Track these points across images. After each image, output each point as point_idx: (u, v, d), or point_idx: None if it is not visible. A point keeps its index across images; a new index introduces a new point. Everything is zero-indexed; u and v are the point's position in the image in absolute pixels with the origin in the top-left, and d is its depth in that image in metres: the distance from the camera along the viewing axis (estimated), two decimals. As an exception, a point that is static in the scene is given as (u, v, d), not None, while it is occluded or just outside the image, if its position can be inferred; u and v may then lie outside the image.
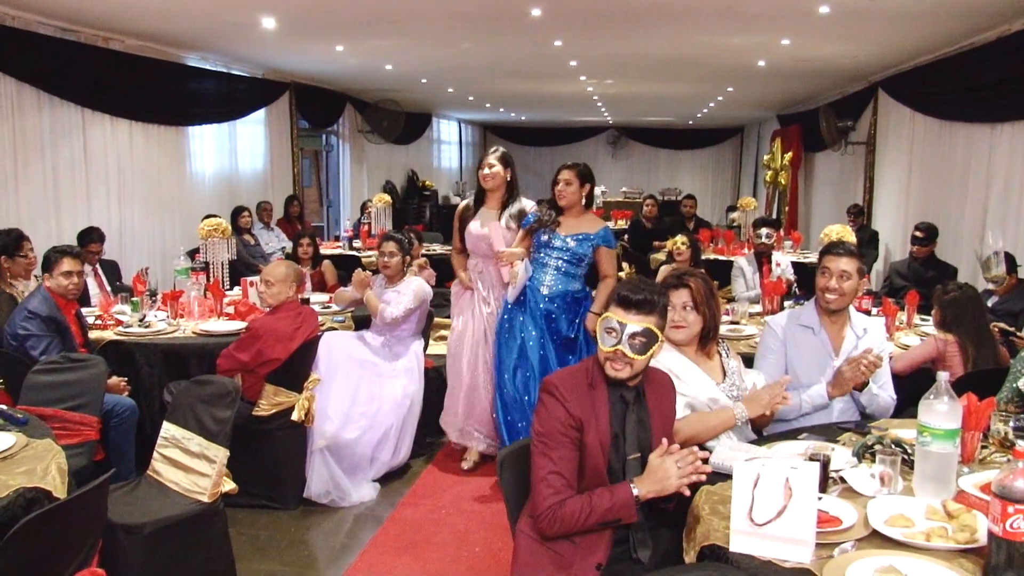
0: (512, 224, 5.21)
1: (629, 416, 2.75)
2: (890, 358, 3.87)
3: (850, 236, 6.18)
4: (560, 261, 4.99)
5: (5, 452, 2.85)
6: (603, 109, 17.75)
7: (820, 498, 2.33)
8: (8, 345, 4.59)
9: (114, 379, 4.64)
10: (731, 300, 6.46)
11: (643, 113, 19.46)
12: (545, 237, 5.01)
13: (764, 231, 7.03)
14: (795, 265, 7.26)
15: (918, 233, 7.36)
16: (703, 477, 2.57)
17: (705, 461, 2.60)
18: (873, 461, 2.70)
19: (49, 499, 2.60)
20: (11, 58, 6.73)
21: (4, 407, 3.36)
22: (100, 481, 2.61)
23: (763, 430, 3.37)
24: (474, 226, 5.27)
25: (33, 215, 7.01)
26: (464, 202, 5.49)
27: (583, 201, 5.07)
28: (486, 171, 5.23)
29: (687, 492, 2.56)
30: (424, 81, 12.51)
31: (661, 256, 8.80)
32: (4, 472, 2.69)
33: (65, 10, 6.81)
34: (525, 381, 5.00)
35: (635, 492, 2.57)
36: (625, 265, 9.21)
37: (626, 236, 11.32)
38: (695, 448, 2.59)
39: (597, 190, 16.68)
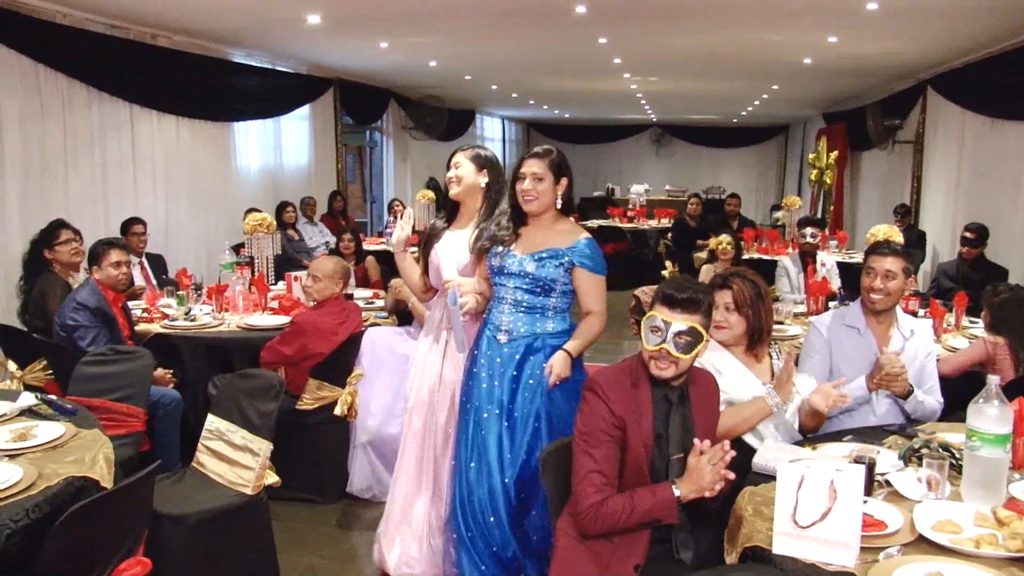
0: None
1: (673, 416, 2.74)
2: (937, 361, 3.81)
3: (897, 236, 6.09)
4: (518, 292, 3.48)
5: (55, 441, 2.90)
6: (647, 107, 17.68)
7: (865, 501, 2.30)
8: (58, 336, 4.68)
9: (160, 371, 4.69)
10: (775, 300, 6.40)
11: (687, 111, 19.36)
12: (496, 260, 3.53)
13: (809, 231, 6.97)
14: (840, 265, 7.18)
15: (968, 234, 7.23)
16: (731, 476, 2.56)
17: (739, 462, 2.58)
18: (920, 465, 2.66)
19: (97, 488, 2.64)
20: (62, 55, 6.84)
21: (54, 397, 3.42)
22: (147, 471, 2.65)
23: (810, 433, 3.34)
24: (438, 251, 3.85)
25: (82, 209, 7.11)
26: (433, 221, 4.10)
27: (559, 203, 3.53)
28: (449, 172, 3.81)
29: (716, 490, 2.55)
30: (468, 78, 12.53)
31: (703, 255, 8.76)
32: (54, 461, 2.74)
33: (114, 7, 6.91)
34: (489, 489, 3.41)
35: (676, 493, 2.56)
36: (668, 263, 9.17)
37: (670, 234, 11.31)
38: (725, 443, 2.58)
39: (640, 187, 16.74)
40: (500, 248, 3.53)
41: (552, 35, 8.47)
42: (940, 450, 2.73)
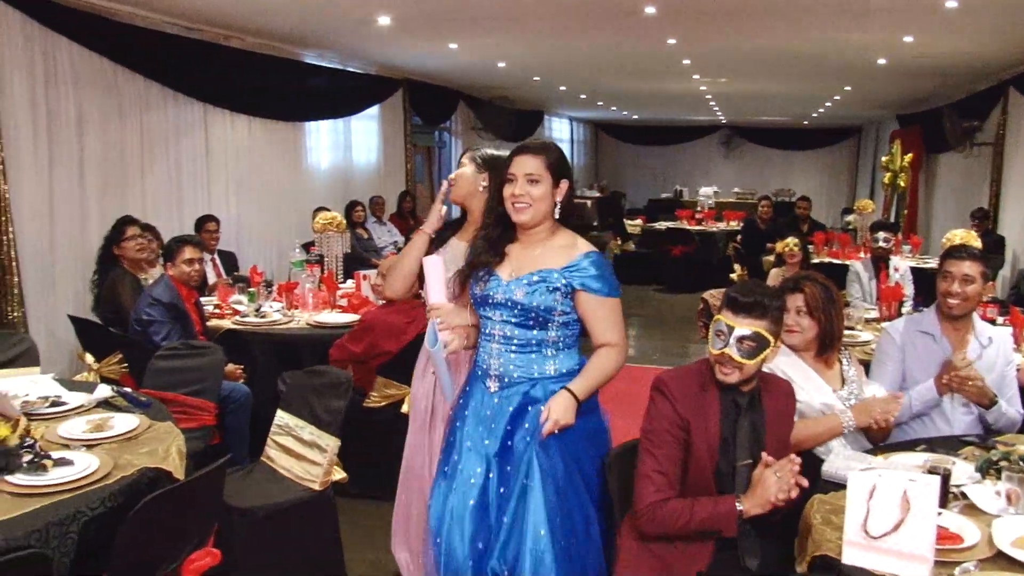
0: None
1: (741, 421, 2.70)
2: (1018, 370, 3.70)
3: (975, 241, 5.93)
4: (507, 326, 2.80)
5: (130, 433, 2.97)
6: (716, 108, 17.52)
7: (940, 513, 2.24)
8: (133, 330, 4.80)
9: (231, 366, 4.78)
10: (846, 305, 6.28)
11: (757, 112, 19.12)
12: (478, 288, 2.87)
13: (882, 235, 6.82)
14: (914, 271, 7.02)
15: (1050, 239, 7.03)
16: (804, 482, 2.51)
17: (806, 470, 2.54)
18: (998, 478, 2.59)
19: (170, 479, 2.70)
20: (139, 57, 7.01)
21: (128, 390, 3.50)
22: (218, 464, 2.70)
23: (880, 442, 3.27)
24: (429, 262, 3.05)
25: (157, 206, 7.29)
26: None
27: (557, 212, 2.84)
28: (452, 174, 3.39)
29: (783, 500, 2.49)
30: (536, 79, 12.54)
31: (771, 259, 8.65)
32: (129, 452, 2.80)
33: (190, 10, 7.06)
34: (479, 556, 2.74)
35: (739, 507, 2.52)
36: (737, 267, 9.07)
37: (739, 237, 11.19)
38: (793, 456, 2.53)
39: (708, 189, 16.57)
40: (482, 272, 2.86)
41: (621, 36, 8.43)
42: (1021, 463, 2.65)
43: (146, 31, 7.03)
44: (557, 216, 2.83)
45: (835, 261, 8.90)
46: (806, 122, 20.70)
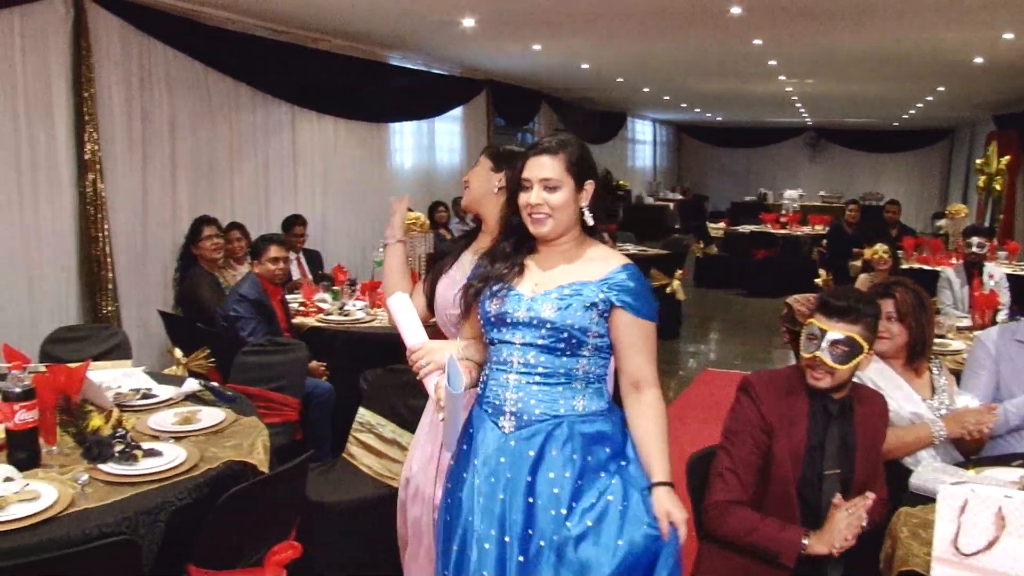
0: None
1: (831, 429, 2.64)
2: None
3: (1076, 248, 5.71)
4: (530, 351, 2.29)
5: (216, 426, 3.03)
6: (802, 110, 17.21)
7: (1037, 531, 2.16)
8: (220, 326, 4.91)
9: (314, 363, 4.85)
10: (937, 312, 6.09)
11: (844, 114, 18.73)
12: (493, 305, 2.35)
13: (975, 240, 6.61)
14: (1011, 278, 6.78)
15: None
16: (864, 520, 2.41)
17: (893, 481, 2.47)
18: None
19: (255, 473, 2.74)
20: (229, 59, 7.19)
21: (215, 384, 3.58)
22: (302, 459, 2.74)
23: (972, 455, 3.17)
24: (450, 279, 2.86)
25: (245, 205, 7.46)
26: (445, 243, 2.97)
27: (584, 216, 2.35)
28: (468, 176, 2.92)
29: (842, 546, 2.39)
30: (620, 80, 12.49)
31: (858, 264, 8.46)
32: (215, 445, 2.86)
33: (279, 13, 7.20)
34: None
35: (804, 541, 2.45)
36: (822, 271, 8.89)
37: (824, 241, 10.98)
38: (868, 492, 2.45)
39: (793, 193, 16.32)
40: (497, 286, 2.36)
41: (706, 37, 8.35)
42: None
43: (236, 34, 7.20)
44: (591, 222, 2.36)
45: (925, 267, 8.65)
46: (896, 124, 20.21)
